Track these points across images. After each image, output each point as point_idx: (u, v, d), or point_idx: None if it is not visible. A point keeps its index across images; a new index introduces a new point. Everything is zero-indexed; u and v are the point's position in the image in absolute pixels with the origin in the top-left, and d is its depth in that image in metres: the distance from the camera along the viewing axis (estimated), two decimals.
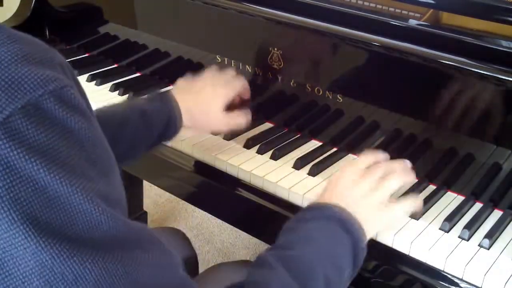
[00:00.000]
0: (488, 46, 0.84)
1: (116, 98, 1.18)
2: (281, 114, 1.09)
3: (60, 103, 0.45)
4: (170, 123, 0.90)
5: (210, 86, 0.96)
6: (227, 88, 0.96)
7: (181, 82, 0.98)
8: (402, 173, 0.80)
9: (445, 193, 0.91)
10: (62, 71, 0.48)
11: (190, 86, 0.97)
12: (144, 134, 0.89)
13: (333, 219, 0.71)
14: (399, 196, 0.86)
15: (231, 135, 1.03)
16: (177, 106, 0.91)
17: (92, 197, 0.46)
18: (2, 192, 0.42)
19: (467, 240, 0.81)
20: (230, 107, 0.98)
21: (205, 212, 1.78)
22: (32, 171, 0.43)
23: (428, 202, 0.87)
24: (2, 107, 0.43)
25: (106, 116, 0.85)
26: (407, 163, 0.83)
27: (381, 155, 0.83)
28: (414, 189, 0.90)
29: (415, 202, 0.80)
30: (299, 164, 0.96)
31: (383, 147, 0.97)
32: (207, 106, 0.94)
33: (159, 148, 1.00)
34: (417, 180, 0.91)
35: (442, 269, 0.78)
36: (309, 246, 0.69)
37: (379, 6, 0.96)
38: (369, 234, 0.75)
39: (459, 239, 0.81)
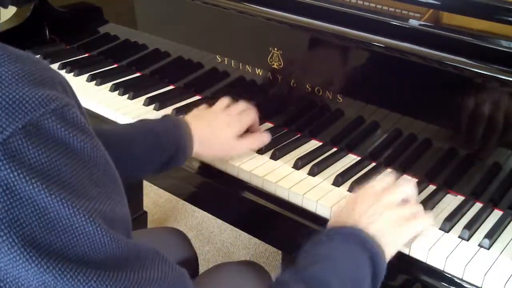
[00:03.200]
0: (488, 46, 0.84)
1: (116, 98, 1.18)
2: (281, 114, 1.09)
3: (62, 122, 0.45)
4: (179, 153, 0.89)
5: (225, 115, 0.96)
6: (239, 123, 0.97)
7: (195, 110, 0.98)
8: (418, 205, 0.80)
9: (445, 193, 0.91)
10: (63, 90, 0.47)
11: (203, 114, 0.97)
12: (152, 156, 0.88)
13: (350, 238, 0.71)
14: None
15: None
16: (189, 134, 0.91)
17: (95, 218, 0.46)
18: (1, 214, 0.42)
19: (467, 240, 0.81)
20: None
21: (205, 212, 1.78)
22: (33, 193, 0.43)
23: (428, 202, 0.87)
24: (2, 127, 0.42)
25: (116, 134, 0.85)
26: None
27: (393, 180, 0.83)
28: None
29: (429, 220, 0.80)
30: (299, 164, 0.96)
31: (383, 147, 0.98)
32: (220, 137, 0.94)
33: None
34: (417, 180, 0.91)
35: (442, 269, 0.78)
36: (326, 264, 0.68)
37: (379, 6, 0.96)
38: (389, 249, 0.74)
39: (459, 239, 0.81)
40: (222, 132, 0.95)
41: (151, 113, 1.12)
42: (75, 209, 0.44)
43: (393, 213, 0.76)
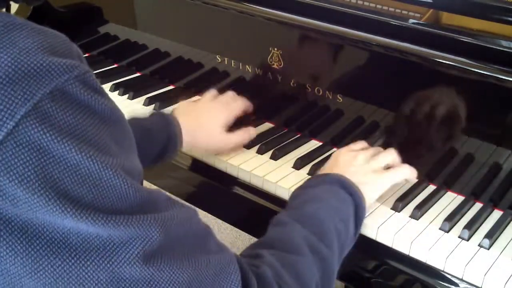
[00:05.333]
0: (488, 46, 0.84)
1: (116, 98, 1.18)
2: (281, 114, 1.09)
3: (84, 87, 0.50)
4: (170, 143, 0.92)
5: (211, 108, 1.00)
6: (226, 110, 1.00)
7: (182, 104, 1.02)
8: (392, 153, 0.90)
9: (445, 193, 0.91)
10: (80, 60, 0.52)
11: (191, 108, 1.01)
12: (145, 150, 0.89)
13: (335, 183, 0.80)
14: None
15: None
16: (178, 128, 0.94)
17: (120, 172, 0.50)
18: (37, 171, 0.46)
19: (467, 240, 0.81)
20: (234, 125, 1.00)
21: (205, 212, 1.77)
22: (64, 151, 0.47)
23: (428, 202, 0.87)
24: (32, 93, 0.46)
25: None
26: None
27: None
28: (414, 189, 0.90)
29: (409, 170, 0.88)
30: (299, 164, 0.96)
31: (383, 147, 0.97)
32: (207, 128, 0.97)
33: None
34: (417, 180, 0.92)
35: (442, 269, 0.78)
36: (317, 204, 0.76)
37: (379, 6, 0.96)
38: (368, 196, 0.82)
39: (459, 239, 0.81)
40: (210, 120, 0.97)
41: None
42: (103, 164, 0.49)
43: (372, 164, 0.86)
